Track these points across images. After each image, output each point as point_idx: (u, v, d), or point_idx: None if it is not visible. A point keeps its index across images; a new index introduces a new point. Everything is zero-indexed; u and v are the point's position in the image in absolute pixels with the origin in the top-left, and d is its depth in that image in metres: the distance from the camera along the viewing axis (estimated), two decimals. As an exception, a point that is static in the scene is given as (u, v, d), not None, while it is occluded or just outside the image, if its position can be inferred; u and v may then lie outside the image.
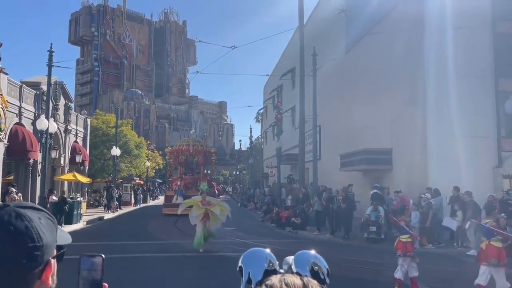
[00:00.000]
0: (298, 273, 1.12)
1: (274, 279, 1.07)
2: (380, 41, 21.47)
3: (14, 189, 17.83)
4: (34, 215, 1.03)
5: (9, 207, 1.03)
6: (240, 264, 1.19)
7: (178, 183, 29.47)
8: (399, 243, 8.73)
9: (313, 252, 1.23)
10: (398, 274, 8.53)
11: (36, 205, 1.10)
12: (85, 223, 22.79)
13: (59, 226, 1.14)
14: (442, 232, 16.02)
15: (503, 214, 13.83)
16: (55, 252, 1.07)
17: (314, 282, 1.09)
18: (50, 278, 1.04)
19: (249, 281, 1.15)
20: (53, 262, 1.04)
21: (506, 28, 18.63)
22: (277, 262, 1.19)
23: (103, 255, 1.11)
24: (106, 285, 1.12)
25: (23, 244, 0.97)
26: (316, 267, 1.18)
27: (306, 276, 1.11)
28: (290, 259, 1.20)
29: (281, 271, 1.17)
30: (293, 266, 1.16)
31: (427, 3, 19.36)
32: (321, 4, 32.98)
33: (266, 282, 1.08)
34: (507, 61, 18.30)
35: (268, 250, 1.23)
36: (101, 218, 25.63)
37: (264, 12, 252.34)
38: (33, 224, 1.01)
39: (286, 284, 1.04)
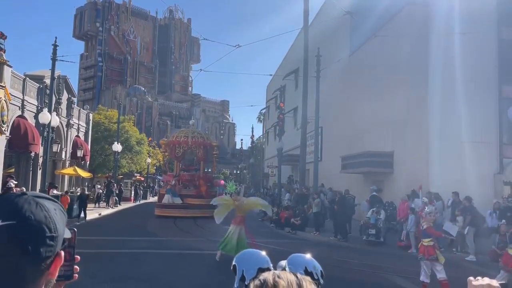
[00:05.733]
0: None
1: (267, 274, 1.06)
2: (385, 44, 21.44)
3: (13, 181, 17.78)
4: (50, 205, 1.04)
5: (28, 196, 1.03)
6: (234, 263, 1.18)
7: (173, 182, 26.03)
8: (421, 247, 8.82)
9: (308, 255, 1.22)
10: (422, 277, 8.67)
11: (50, 196, 1.10)
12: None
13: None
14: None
15: (504, 221, 13.78)
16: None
17: (308, 278, 1.08)
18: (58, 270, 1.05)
19: (242, 279, 1.14)
20: (62, 254, 1.05)
21: (510, 34, 18.57)
22: (271, 264, 1.17)
23: (75, 229, 1.13)
24: (79, 257, 1.14)
25: (42, 234, 0.98)
26: (310, 269, 1.16)
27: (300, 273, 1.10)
28: (284, 262, 1.18)
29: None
30: (287, 268, 1.14)
31: (433, 8, 19.31)
32: (326, 5, 32.91)
33: (259, 277, 1.07)
34: (511, 68, 18.25)
35: (263, 252, 1.21)
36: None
37: (270, 13, 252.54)
38: (51, 214, 1.01)
39: (279, 277, 1.03)
